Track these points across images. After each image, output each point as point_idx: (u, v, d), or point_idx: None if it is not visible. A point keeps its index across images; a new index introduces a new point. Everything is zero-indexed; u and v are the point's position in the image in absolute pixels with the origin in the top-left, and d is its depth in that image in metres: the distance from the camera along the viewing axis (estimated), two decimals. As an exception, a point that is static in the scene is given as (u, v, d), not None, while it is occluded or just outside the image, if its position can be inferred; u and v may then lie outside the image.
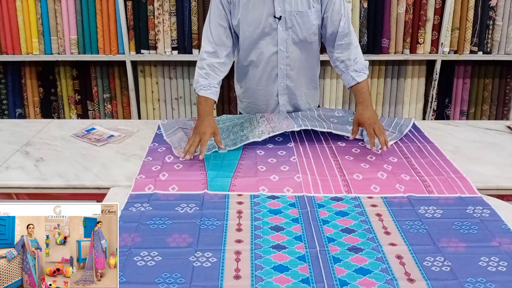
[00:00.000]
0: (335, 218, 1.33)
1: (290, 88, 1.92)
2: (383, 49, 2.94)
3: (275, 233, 1.26)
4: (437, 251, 1.18)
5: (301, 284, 1.07)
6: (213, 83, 1.77)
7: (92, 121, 2.10)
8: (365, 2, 2.84)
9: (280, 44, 1.80)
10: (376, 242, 1.22)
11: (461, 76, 3.08)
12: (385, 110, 3.15)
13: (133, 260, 1.14)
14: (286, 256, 1.16)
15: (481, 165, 1.66)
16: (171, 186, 1.50)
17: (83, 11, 2.90)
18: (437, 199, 1.43)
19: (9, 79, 3.13)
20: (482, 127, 2.02)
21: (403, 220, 1.32)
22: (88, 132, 1.91)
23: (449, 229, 1.28)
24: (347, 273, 1.10)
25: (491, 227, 1.28)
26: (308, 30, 1.79)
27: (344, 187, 1.50)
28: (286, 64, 1.85)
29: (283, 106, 1.95)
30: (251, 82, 1.94)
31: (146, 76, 3.12)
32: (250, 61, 1.88)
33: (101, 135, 1.88)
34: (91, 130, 1.93)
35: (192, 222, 1.30)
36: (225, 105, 3.14)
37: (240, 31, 1.80)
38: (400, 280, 1.08)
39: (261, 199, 1.43)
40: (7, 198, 1.57)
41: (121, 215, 1.33)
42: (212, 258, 1.15)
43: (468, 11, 2.86)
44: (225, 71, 1.82)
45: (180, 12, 2.88)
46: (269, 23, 1.77)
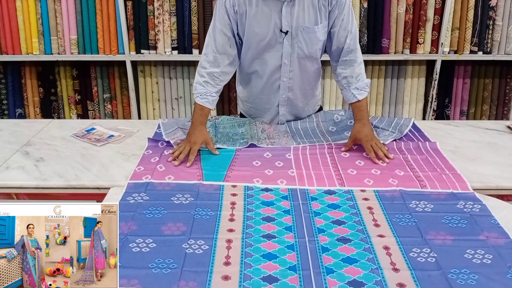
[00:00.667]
0: (327, 210, 1.37)
1: (291, 100, 1.91)
2: (383, 49, 2.94)
3: (266, 224, 1.30)
4: (424, 243, 1.21)
5: (288, 271, 1.11)
6: (211, 91, 1.77)
7: (92, 121, 2.10)
8: (365, 2, 2.84)
9: (285, 58, 1.78)
10: (365, 234, 1.25)
11: (461, 76, 3.08)
12: (385, 110, 3.15)
13: (128, 246, 1.19)
14: (275, 245, 1.20)
15: (481, 165, 1.66)
16: (167, 176, 1.55)
17: (83, 11, 2.90)
18: (429, 194, 1.45)
19: (9, 79, 3.13)
20: (482, 127, 2.02)
21: (393, 214, 1.35)
22: (88, 132, 1.91)
23: (438, 223, 1.30)
24: (334, 262, 1.14)
25: (480, 222, 1.30)
26: (313, 46, 1.77)
27: (338, 180, 1.53)
28: (289, 77, 1.83)
29: (283, 116, 1.95)
30: (253, 90, 1.93)
31: (146, 76, 3.12)
32: (253, 71, 1.87)
33: (101, 135, 1.88)
34: (91, 130, 1.93)
35: (186, 212, 1.34)
36: (225, 105, 3.14)
37: (245, 41, 1.78)
38: (385, 270, 1.11)
39: (255, 191, 1.46)
40: (7, 198, 1.57)
41: (119, 205, 1.34)
42: (204, 245, 1.20)
43: (468, 11, 2.86)
44: (225, 80, 1.81)
45: (180, 12, 2.88)
46: (275, 37, 1.74)
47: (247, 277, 1.09)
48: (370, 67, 3.02)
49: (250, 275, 1.10)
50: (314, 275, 1.10)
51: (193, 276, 1.09)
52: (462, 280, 1.08)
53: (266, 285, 1.07)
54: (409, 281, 1.08)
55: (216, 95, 1.79)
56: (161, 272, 1.11)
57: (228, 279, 1.09)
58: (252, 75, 1.89)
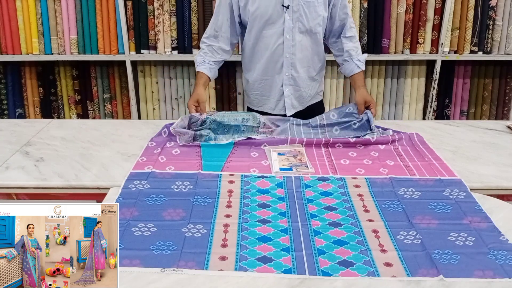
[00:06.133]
0: (319, 197, 1.44)
1: (295, 78, 1.97)
2: (383, 49, 2.94)
3: (261, 210, 1.37)
4: (411, 227, 1.28)
5: (281, 252, 1.18)
6: (208, 60, 1.93)
7: (92, 121, 2.09)
8: (365, 2, 2.84)
9: (286, 33, 1.87)
10: (355, 219, 1.33)
11: (461, 76, 3.08)
12: (385, 110, 3.15)
13: (130, 230, 1.25)
14: (270, 229, 1.27)
15: (481, 165, 1.66)
16: (168, 166, 1.61)
17: (83, 11, 2.90)
18: (418, 181, 1.53)
19: (9, 79, 3.13)
20: (482, 127, 2.02)
21: (382, 200, 1.42)
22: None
23: (425, 209, 1.38)
24: (326, 244, 1.21)
25: (465, 208, 1.37)
26: (314, 20, 1.87)
27: (331, 170, 1.61)
28: (291, 53, 1.91)
29: (288, 98, 2.00)
30: (258, 73, 2.00)
31: (146, 76, 3.12)
32: (257, 50, 1.95)
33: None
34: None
35: (186, 199, 1.41)
36: (225, 105, 3.14)
37: (248, 20, 1.89)
38: (373, 251, 1.18)
39: (251, 178, 1.54)
40: (7, 198, 1.57)
41: (121, 192, 1.44)
42: (202, 229, 1.26)
43: (468, 11, 2.86)
44: (223, 54, 1.96)
45: (180, 12, 2.88)
46: (276, 12, 1.84)
47: (243, 258, 1.16)
48: (370, 67, 3.02)
49: (246, 255, 1.17)
50: (306, 255, 1.16)
51: (192, 256, 1.15)
52: (445, 260, 1.15)
53: (261, 265, 1.13)
54: (396, 261, 1.15)
55: (214, 65, 1.95)
56: (161, 253, 1.16)
57: (225, 259, 1.15)
58: (256, 55, 1.97)
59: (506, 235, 1.24)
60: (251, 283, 1.08)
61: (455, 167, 1.61)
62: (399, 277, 1.09)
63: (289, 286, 1.07)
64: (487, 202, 1.40)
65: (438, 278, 1.08)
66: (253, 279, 1.09)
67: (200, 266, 1.12)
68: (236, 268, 1.12)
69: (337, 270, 1.11)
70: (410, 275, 1.10)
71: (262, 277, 1.10)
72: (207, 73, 1.93)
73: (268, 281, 1.09)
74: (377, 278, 1.09)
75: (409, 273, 1.10)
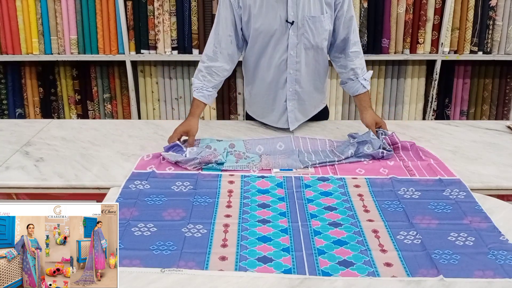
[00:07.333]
0: (319, 198, 1.44)
1: (299, 93, 1.88)
2: (383, 49, 2.94)
3: (261, 210, 1.37)
4: (411, 227, 1.28)
5: (281, 252, 1.18)
6: (207, 86, 1.80)
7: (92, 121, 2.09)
8: (365, 2, 2.84)
9: (291, 49, 1.77)
10: (355, 219, 1.32)
11: (461, 76, 3.08)
12: (385, 110, 3.15)
13: (130, 230, 1.25)
14: (270, 229, 1.27)
15: (481, 165, 1.66)
16: (168, 167, 1.61)
17: (83, 11, 2.89)
18: (418, 181, 1.52)
19: (9, 79, 3.13)
20: (482, 127, 2.02)
21: (382, 200, 1.42)
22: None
23: (425, 209, 1.37)
24: (326, 244, 1.21)
25: (465, 208, 1.37)
26: (320, 35, 1.77)
27: (331, 170, 1.60)
28: (295, 69, 1.82)
29: (291, 112, 1.90)
30: (260, 87, 1.91)
31: (146, 76, 3.12)
32: (260, 66, 1.86)
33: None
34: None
35: (186, 199, 1.41)
36: (225, 105, 3.14)
37: (251, 36, 1.78)
38: (373, 251, 1.18)
39: (251, 178, 1.54)
40: (7, 198, 1.57)
41: (121, 192, 1.44)
42: (202, 229, 1.27)
43: (468, 11, 2.86)
44: (223, 75, 1.82)
45: (180, 12, 2.88)
46: (281, 28, 1.74)
47: (243, 258, 1.16)
48: (370, 67, 3.01)
49: (246, 255, 1.17)
50: (306, 255, 1.16)
51: (192, 256, 1.16)
52: (445, 260, 1.15)
53: (261, 265, 1.13)
54: (396, 261, 1.15)
55: (213, 91, 1.82)
56: (161, 253, 1.17)
57: (225, 260, 1.15)
58: (259, 70, 1.88)
59: (506, 235, 1.24)
60: (251, 283, 1.08)
61: (455, 167, 1.61)
62: (399, 277, 1.09)
63: (289, 286, 1.07)
64: (487, 202, 1.40)
65: (438, 278, 1.08)
66: (253, 279, 1.09)
67: (200, 266, 1.13)
68: (236, 268, 1.12)
69: (337, 270, 1.12)
70: (410, 275, 1.10)
71: (262, 277, 1.10)
72: (205, 101, 1.80)
73: (268, 281, 1.09)
74: (377, 278, 1.09)
75: (409, 273, 1.10)
